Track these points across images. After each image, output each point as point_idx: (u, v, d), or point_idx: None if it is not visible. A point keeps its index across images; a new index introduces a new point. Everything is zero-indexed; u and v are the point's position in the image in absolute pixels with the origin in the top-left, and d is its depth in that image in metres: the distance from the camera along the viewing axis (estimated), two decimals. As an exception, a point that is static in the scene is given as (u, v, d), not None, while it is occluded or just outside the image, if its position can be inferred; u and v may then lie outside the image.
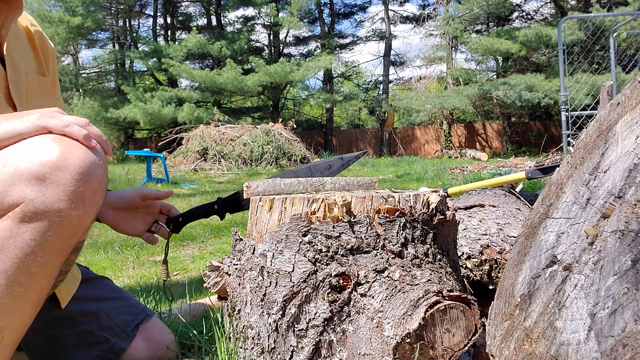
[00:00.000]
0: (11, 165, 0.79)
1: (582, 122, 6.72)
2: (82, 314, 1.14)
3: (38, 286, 0.84)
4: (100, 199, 0.86)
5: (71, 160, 0.81)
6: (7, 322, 0.82)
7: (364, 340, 0.92)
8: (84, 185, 0.81)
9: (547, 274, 0.78)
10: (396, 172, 8.94)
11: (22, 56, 1.12)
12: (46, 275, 0.84)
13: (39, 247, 0.80)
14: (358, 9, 24.68)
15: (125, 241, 3.29)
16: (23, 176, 0.78)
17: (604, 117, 0.83)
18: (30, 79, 1.11)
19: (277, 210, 1.02)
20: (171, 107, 16.13)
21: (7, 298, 0.80)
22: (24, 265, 0.80)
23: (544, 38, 16.02)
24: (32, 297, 0.84)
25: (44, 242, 0.80)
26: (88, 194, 0.82)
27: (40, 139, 0.82)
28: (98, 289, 1.22)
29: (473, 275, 1.41)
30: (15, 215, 0.79)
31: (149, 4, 21.92)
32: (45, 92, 1.17)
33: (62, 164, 0.80)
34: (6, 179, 0.78)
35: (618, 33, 8.21)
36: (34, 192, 0.78)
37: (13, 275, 0.79)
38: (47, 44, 1.23)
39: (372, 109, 21.54)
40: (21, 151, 0.81)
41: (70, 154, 0.81)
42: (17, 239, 0.79)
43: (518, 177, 2.33)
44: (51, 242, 0.81)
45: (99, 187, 0.85)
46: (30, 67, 1.14)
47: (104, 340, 1.15)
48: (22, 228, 0.79)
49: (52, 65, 1.25)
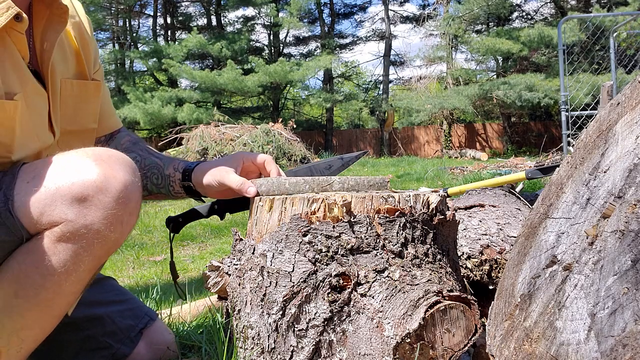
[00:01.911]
0: (52, 185, 0.78)
1: (582, 122, 6.72)
2: (87, 319, 1.13)
3: (65, 302, 0.84)
4: (135, 219, 0.86)
5: (113, 183, 0.80)
6: (28, 334, 0.82)
7: (364, 340, 0.92)
8: (124, 208, 0.81)
9: (547, 274, 0.78)
10: (396, 172, 8.94)
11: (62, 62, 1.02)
12: (75, 292, 0.84)
13: (73, 267, 0.80)
14: (358, 9, 24.69)
15: (125, 241, 3.29)
16: (65, 197, 0.78)
17: (604, 117, 0.83)
18: (65, 87, 1.02)
19: (277, 210, 1.02)
20: (171, 107, 16.12)
21: (34, 313, 0.80)
22: (57, 283, 0.80)
23: (545, 38, 16.02)
24: (57, 311, 0.84)
25: (79, 262, 0.80)
26: (126, 217, 0.83)
27: (81, 159, 0.82)
28: (103, 292, 1.21)
29: (473, 275, 1.41)
30: (53, 235, 0.78)
31: (149, 4, 21.93)
32: (85, 98, 1.08)
33: (105, 186, 0.79)
34: (46, 199, 0.78)
35: (618, 33, 8.21)
36: (74, 214, 0.78)
37: (44, 293, 0.79)
38: (85, 36, 1.11)
39: (372, 109, 21.54)
40: (62, 171, 0.80)
41: (112, 176, 0.81)
42: (52, 258, 0.78)
43: (518, 177, 2.33)
44: (85, 262, 0.81)
45: (136, 208, 0.85)
46: (69, 72, 1.05)
47: (107, 345, 1.14)
48: (60, 247, 0.78)
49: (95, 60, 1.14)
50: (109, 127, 1.26)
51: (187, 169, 1.14)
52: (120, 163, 0.84)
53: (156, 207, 5.07)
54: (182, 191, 1.16)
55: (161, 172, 1.17)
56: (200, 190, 1.14)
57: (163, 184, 1.17)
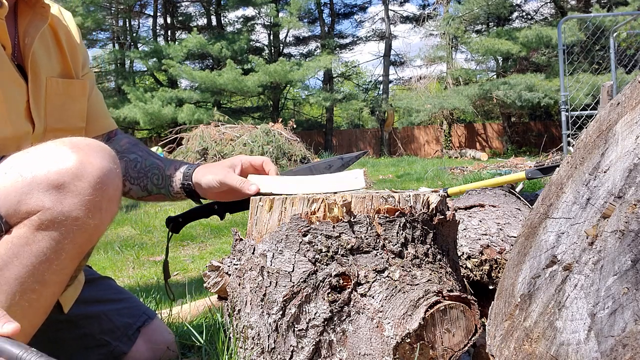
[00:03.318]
0: (28, 173, 0.78)
1: (582, 122, 6.72)
2: (84, 317, 1.14)
3: (50, 293, 0.84)
4: (116, 206, 0.86)
5: (89, 169, 0.80)
6: None
7: (364, 340, 0.92)
8: (101, 194, 0.81)
9: (547, 274, 0.78)
10: (396, 172, 8.94)
11: (46, 59, 1.07)
12: (59, 282, 0.84)
13: (54, 255, 0.80)
14: (358, 9, 24.67)
15: (125, 241, 3.29)
16: (41, 184, 0.78)
17: (604, 117, 0.83)
18: (51, 84, 1.06)
19: (277, 210, 1.02)
20: (171, 108, 16.13)
21: (19, 305, 0.80)
22: (39, 272, 0.79)
23: (545, 38, 16.02)
24: (43, 303, 0.84)
25: (60, 250, 0.80)
26: (105, 203, 0.82)
27: (58, 148, 0.82)
28: (100, 291, 1.21)
29: (473, 275, 1.41)
30: (31, 223, 0.78)
31: (149, 4, 21.93)
32: (71, 96, 1.12)
33: (80, 172, 0.79)
34: (23, 187, 0.78)
35: (618, 33, 8.21)
36: (51, 201, 0.78)
37: (27, 283, 0.79)
38: (73, 40, 1.16)
39: (372, 109, 21.54)
40: (39, 159, 0.80)
41: (88, 162, 0.81)
42: (32, 247, 0.78)
43: (518, 177, 2.33)
44: (67, 250, 0.81)
45: (115, 195, 0.85)
46: (54, 71, 1.09)
47: (105, 343, 1.14)
48: (39, 236, 0.78)
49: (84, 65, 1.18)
50: (104, 127, 1.27)
51: (188, 170, 1.16)
52: (97, 150, 0.84)
53: (156, 207, 5.08)
54: (182, 192, 1.17)
55: (162, 173, 1.17)
56: (200, 192, 1.16)
57: (163, 184, 1.17)
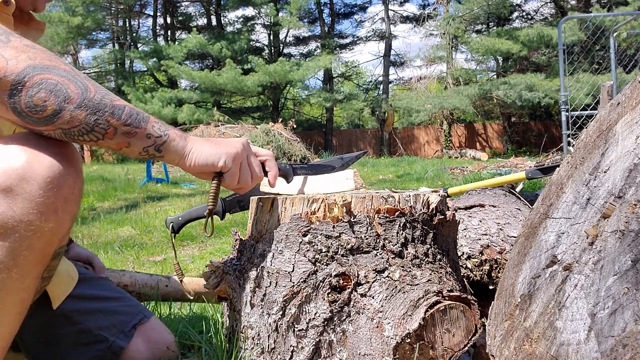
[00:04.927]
0: None
1: (582, 122, 6.71)
2: (80, 312, 1.14)
3: (18, 299, 0.80)
4: (75, 206, 0.82)
5: (38, 170, 0.76)
6: None
7: (364, 340, 0.92)
8: (54, 195, 0.77)
9: (547, 274, 0.78)
10: (396, 172, 8.94)
11: None
12: (24, 287, 0.80)
13: (12, 262, 0.76)
14: (358, 9, 24.68)
15: (125, 241, 3.29)
16: None
17: (604, 117, 0.83)
18: None
19: (277, 210, 1.02)
20: (171, 108, 16.13)
21: None
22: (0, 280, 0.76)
23: (545, 38, 16.02)
24: (12, 309, 0.80)
25: (17, 256, 0.76)
26: (60, 204, 0.78)
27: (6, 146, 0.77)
28: (97, 289, 1.21)
29: (473, 275, 1.41)
30: None
31: (149, 4, 21.93)
32: None
33: (28, 174, 0.75)
34: None
35: (618, 33, 8.21)
36: (1, 206, 0.73)
37: None
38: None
39: (373, 109, 21.53)
40: None
41: (37, 162, 0.76)
42: None
43: (518, 177, 2.33)
44: (25, 256, 0.77)
45: (72, 194, 0.80)
46: None
47: (102, 339, 1.14)
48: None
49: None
50: None
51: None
52: (49, 147, 0.79)
53: (156, 207, 5.07)
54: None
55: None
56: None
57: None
